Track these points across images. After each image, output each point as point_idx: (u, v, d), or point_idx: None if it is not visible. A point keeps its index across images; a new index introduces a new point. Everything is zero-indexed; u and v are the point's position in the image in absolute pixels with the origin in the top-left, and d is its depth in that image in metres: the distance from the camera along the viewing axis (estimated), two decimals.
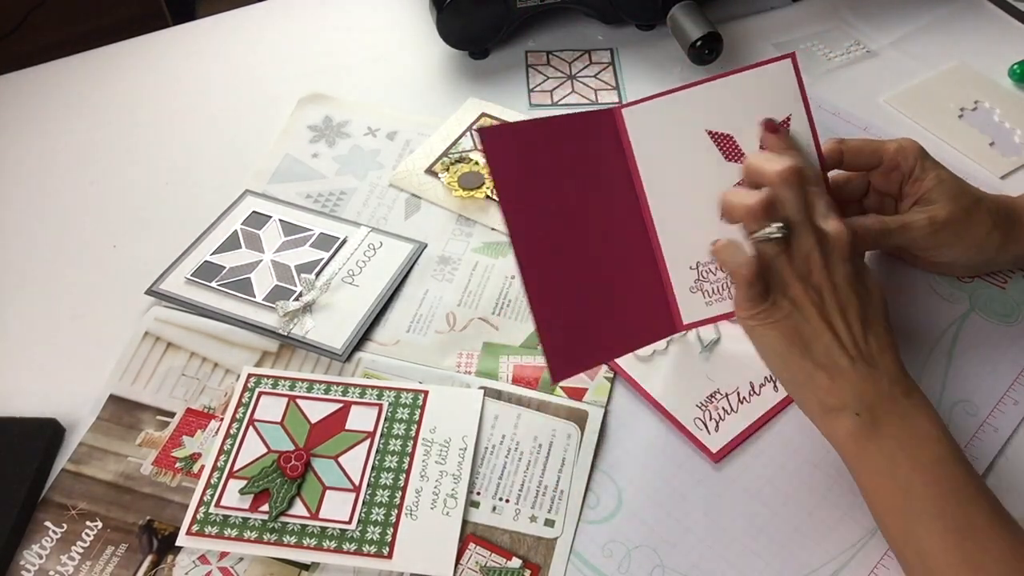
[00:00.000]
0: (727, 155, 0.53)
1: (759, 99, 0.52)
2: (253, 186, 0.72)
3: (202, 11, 1.66)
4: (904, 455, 0.45)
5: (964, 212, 0.55)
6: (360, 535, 0.51)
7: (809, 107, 0.53)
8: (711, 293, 0.53)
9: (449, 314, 0.63)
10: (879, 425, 0.45)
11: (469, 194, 0.69)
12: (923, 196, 0.56)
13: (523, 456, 0.55)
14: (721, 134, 0.52)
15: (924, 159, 0.56)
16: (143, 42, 0.88)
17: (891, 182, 0.57)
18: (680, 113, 0.52)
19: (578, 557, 0.51)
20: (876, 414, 0.45)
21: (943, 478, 0.44)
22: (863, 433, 0.46)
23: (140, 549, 0.52)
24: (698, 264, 0.53)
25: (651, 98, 0.52)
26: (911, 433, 0.45)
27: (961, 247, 0.56)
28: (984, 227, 0.56)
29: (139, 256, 0.67)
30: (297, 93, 0.80)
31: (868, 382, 0.46)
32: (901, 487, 0.45)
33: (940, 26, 0.85)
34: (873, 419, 0.45)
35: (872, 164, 0.57)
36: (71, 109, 0.80)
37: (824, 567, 0.50)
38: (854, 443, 0.46)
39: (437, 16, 0.78)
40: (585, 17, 0.87)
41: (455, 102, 0.79)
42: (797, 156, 0.49)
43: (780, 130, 0.51)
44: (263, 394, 0.57)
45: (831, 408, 0.46)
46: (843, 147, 0.56)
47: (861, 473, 0.47)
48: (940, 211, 0.55)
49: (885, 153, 0.56)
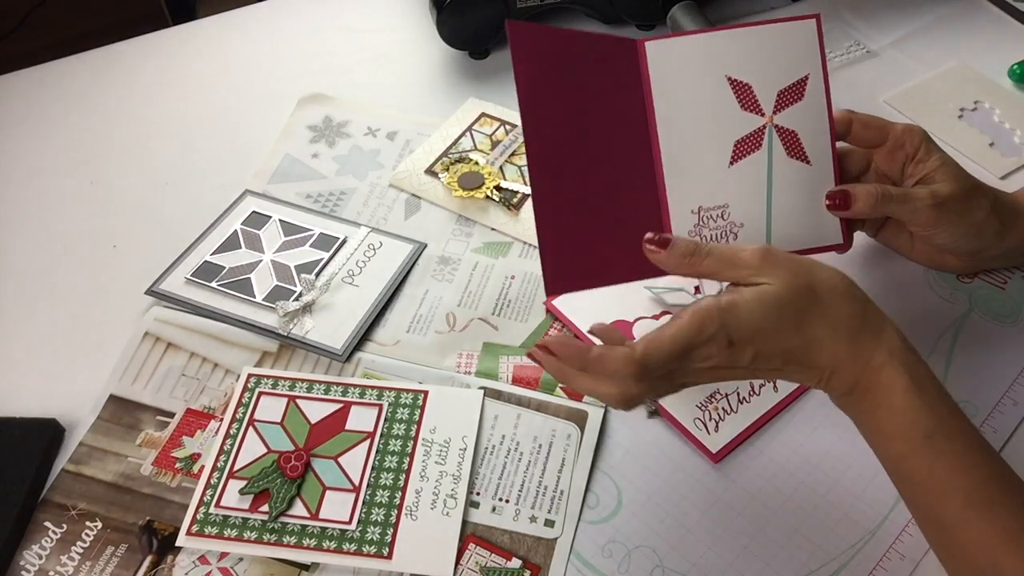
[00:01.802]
0: (743, 104, 0.53)
1: (781, 54, 0.53)
2: (253, 186, 0.72)
3: (202, 11, 1.66)
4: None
5: (964, 193, 0.56)
6: (360, 535, 0.51)
7: (827, 70, 0.54)
8: (709, 240, 0.53)
9: (449, 314, 0.63)
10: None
11: (469, 194, 0.69)
12: (926, 176, 0.56)
13: (523, 456, 0.55)
14: (740, 82, 0.53)
15: (928, 142, 0.57)
16: (143, 42, 0.88)
17: (894, 162, 0.58)
18: (701, 54, 0.53)
19: (578, 557, 0.51)
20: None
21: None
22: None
23: (140, 549, 0.52)
24: (700, 209, 0.53)
25: (675, 35, 0.53)
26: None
27: (960, 227, 0.57)
28: (983, 210, 0.56)
29: (139, 256, 0.67)
30: (297, 93, 0.80)
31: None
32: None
33: (940, 26, 0.85)
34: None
35: (878, 140, 0.58)
36: (71, 109, 0.80)
37: (824, 567, 0.50)
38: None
39: (437, 16, 0.78)
40: (585, 17, 0.87)
41: (455, 102, 0.79)
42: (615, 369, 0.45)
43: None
44: (263, 394, 0.57)
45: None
46: (853, 117, 0.57)
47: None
48: (943, 188, 0.55)
49: (892, 131, 0.57)
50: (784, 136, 0.54)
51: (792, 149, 0.54)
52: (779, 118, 0.54)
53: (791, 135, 0.54)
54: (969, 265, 0.62)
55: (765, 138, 0.54)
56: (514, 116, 0.77)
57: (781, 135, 0.54)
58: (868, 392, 0.46)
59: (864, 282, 0.63)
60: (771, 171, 0.54)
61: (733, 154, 0.54)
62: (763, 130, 0.54)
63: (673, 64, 0.53)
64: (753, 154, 0.54)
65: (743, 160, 0.54)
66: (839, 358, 0.46)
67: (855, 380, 0.46)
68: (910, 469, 0.45)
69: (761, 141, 0.54)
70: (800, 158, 0.54)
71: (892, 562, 0.50)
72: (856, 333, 0.46)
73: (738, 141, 0.54)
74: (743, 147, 0.54)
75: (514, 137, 0.74)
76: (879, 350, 0.46)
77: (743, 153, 0.54)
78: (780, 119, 0.54)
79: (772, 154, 0.54)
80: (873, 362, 0.45)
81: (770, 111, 0.54)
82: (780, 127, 0.54)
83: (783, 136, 0.54)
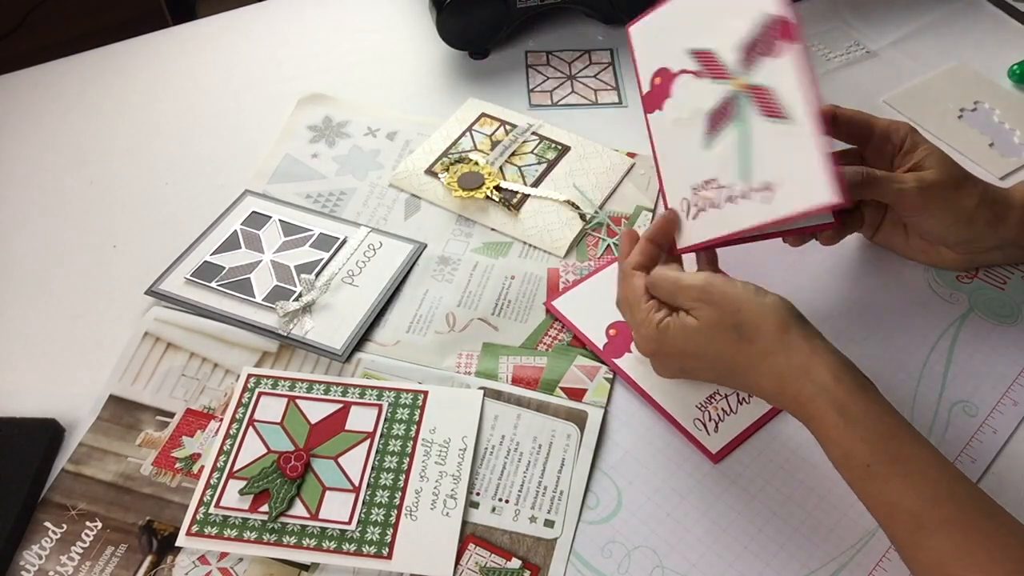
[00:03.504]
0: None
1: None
2: (253, 186, 0.72)
3: (202, 11, 1.65)
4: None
5: (953, 180, 0.56)
6: (360, 535, 0.51)
7: (797, 17, 0.48)
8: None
9: (449, 314, 0.63)
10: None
11: (469, 194, 0.69)
12: (914, 165, 0.57)
13: (523, 456, 0.55)
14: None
15: (915, 133, 0.57)
16: (143, 42, 0.88)
17: (883, 156, 0.58)
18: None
19: (578, 557, 0.51)
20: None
21: None
22: None
23: (140, 549, 0.52)
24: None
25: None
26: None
27: (949, 215, 0.57)
28: (972, 199, 0.56)
29: (139, 256, 0.67)
30: (297, 93, 0.80)
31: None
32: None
33: (940, 26, 0.85)
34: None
35: (863, 135, 0.58)
36: (71, 109, 0.80)
37: (824, 567, 0.50)
38: None
39: (437, 16, 0.78)
40: (585, 17, 0.87)
41: (455, 102, 0.79)
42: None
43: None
44: (263, 394, 0.57)
45: None
46: (837, 112, 0.57)
47: None
48: (930, 175, 0.56)
49: (878, 126, 0.58)
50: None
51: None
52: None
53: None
54: (965, 259, 0.62)
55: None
56: (514, 116, 0.77)
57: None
58: (808, 422, 0.48)
59: (863, 284, 0.63)
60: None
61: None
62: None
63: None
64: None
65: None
66: (765, 389, 0.49)
67: (791, 408, 0.49)
68: (860, 495, 0.46)
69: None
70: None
71: (892, 562, 0.50)
72: (781, 369, 0.48)
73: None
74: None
75: (514, 137, 0.74)
76: (806, 386, 0.47)
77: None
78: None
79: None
80: (801, 397, 0.47)
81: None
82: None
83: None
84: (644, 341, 0.53)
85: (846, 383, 0.46)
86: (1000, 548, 0.42)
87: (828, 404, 0.46)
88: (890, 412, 0.46)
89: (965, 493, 0.44)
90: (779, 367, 0.48)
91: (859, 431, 0.45)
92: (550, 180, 0.71)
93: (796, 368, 0.47)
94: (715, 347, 0.50)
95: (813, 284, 0.63)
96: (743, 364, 0.49)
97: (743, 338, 0.49)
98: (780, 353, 0.48)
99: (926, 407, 0.56)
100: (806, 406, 0.47)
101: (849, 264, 0.65)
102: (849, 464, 0.46)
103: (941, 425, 0.55)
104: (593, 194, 0.70)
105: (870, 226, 0.63)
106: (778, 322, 0.49)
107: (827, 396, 0.46)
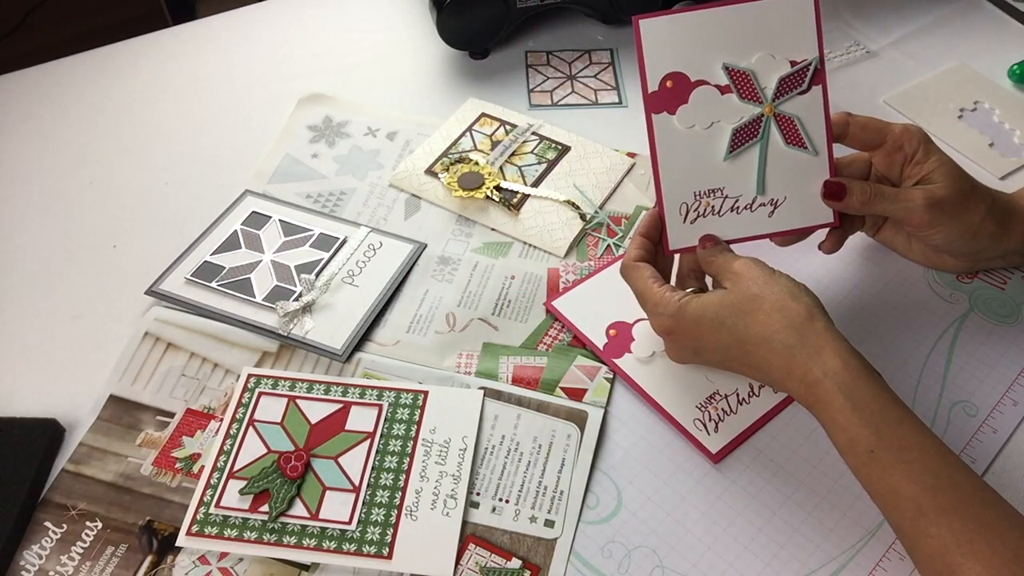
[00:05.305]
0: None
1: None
2: (253, 186, 0.72)
3: (202, 11, 1.66)
4: None
5: (961, 195, 0.56)
6: (360, 535, 0.51)
7: (823, 51, 0.54)
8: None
9: (449, 314, 0.63)
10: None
11: (469, 194, 0.69)
12: (923, 178, 0.56)
13: (523, 456, 0.55)
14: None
15: (927, 143, 0.57)
16: (143, 42, 0.88)
17: (893, 164, 0.58)
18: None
19: (578, 557, 0.51)
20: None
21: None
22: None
23: (140, 549, 0.52)
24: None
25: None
26: None
27: (955, 230, 0.57)
28: (979, 213, 0.56)
29: (139, 256, 0.67)
30: (297, 93, 0.80)
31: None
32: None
33: (940, 26, 0.85)
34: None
35: (876, 142, 0.58)
36: (71, 109, 0.80)
37: (824, 567, 0.50)
38: None
39: (437, 16, 0.78)
40: (585, 17, 0.87)
41: (455, 102, 0.79)
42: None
43: None
44: (263, 394, 0.57)
45: None
46: (850, 119, 0.57)
47: None
48: (938, 190, 0.55)
49: (890, 133, 0.57)
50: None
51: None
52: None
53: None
54: (967, 265, 0.62)
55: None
56: (514, 116, 0.77)
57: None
58: (814, 407, 0.49)
59: (864, 282, 0.63)
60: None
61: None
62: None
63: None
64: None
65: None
66: (774, 366, 0.50)
67: (797, 392, 0.49)
68: (863, 481, 0.47)
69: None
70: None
71: (892, 562, 0.50)
72: (793, 344, 0.49)
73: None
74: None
75: (514, 137, 0.74)
76: (814, 368, 0.48)
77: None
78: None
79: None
80: (809, 378, 0.48)
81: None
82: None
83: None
84: (661, 319, 0.54)
85: (854, 369, 0.47)
86: (1000, 537, 0.42)
87: (835, 387, 0.47)
88: (896, 401, 0.47)
89: (966, 482, 0.44)
90: (791, 343, 0.49)
91: (864, 416, 0.46)
92: (550, 180, 0.71)
93: (808, 348, 0.48)
94: (734, 318, 0.51)
95: (813, 284, 0.63)
96: (757, 336, 0.50)
97: (763, 311, 0.50)
98: (795, 331, 0.49)
99: (926, 407, 0.56)
100: (813, 388, 0.48)
101: (849, 264, 0.65)
102: (854, 450, 0.46)
103: (941, 425, 0.55)
104: (593, 194, 0.70)
105: (872, 224, 0.63)
106: (804, 307, 0.50)
107: (835, 379, 0.47)
